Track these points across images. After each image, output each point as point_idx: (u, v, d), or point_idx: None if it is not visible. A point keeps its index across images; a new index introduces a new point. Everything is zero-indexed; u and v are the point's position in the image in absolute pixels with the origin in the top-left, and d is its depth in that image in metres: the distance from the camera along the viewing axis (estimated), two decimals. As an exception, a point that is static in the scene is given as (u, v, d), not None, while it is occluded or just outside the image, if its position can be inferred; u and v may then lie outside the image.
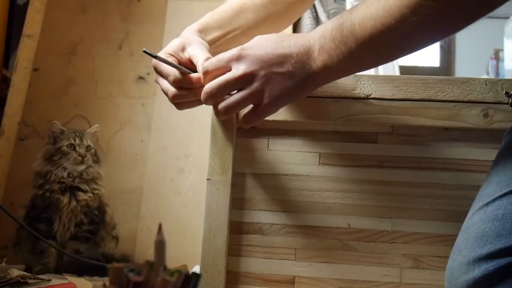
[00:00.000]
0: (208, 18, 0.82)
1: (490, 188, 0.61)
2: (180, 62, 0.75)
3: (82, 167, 1.30)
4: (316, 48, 0.64)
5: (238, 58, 0.67)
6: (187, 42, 0.76)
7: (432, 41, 0.60)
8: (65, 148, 1.29)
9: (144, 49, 0.69)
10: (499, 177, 0.61)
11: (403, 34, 0.59)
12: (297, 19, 0.96)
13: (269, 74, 0.66)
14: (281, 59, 0.65)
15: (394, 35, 0.59)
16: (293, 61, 0.65)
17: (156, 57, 0.71)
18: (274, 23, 0.87)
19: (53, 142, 1.32)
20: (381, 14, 0.58)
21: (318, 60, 0.65)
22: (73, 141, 1.30)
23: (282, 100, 0.69)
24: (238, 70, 0.66)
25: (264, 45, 0.66)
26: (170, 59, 0.74)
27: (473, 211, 0.62)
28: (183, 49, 0.76)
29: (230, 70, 0.68)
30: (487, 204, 0.59)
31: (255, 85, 0.66)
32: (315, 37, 0.65)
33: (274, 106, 0.69)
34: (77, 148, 1.30)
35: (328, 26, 0.64)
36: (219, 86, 0.68)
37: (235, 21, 0.83)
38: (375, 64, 0.68)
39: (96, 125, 1.40)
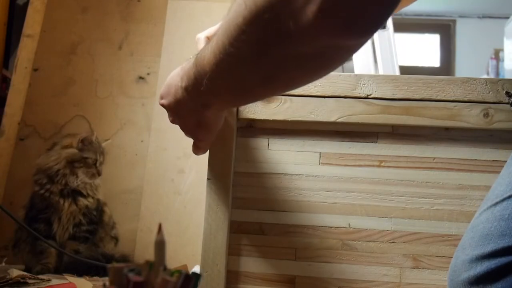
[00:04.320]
0: None
1: (500, 189, 0.61)
2: None
3: (90, 181, 1.31)
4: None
5: (163, 107, 0.76)
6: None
7: (260, 83, 0.59)
8: (90, 161, 1.30)
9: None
10: (510, 178, 0.61)
11: (229, 70, 0.59)
12: None
13: (181, 118, 0.75)
14: (178, 105, 0.72)
15: (223, 71, 0.59)
16: (187, 103, 0.70)
17: None
18: None
19: (80, 148, 1.31)
20: (214, 49, 0.58)
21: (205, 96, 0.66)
22: (98, 157, 1.31)
23: (201, 133, 0.76)
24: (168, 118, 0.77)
25: (170, 92, 0.73)
26: None
27: (481, 211, 0.62)
28: None
29: None
30: (495, 204, 0.60)
31: (179, 125, 0.77)
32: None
33: (201, 139, 0.78)
34: (98, 165, 1.31)
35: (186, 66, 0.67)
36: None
37: None
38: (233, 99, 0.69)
39: (109, 141, 1.44)
